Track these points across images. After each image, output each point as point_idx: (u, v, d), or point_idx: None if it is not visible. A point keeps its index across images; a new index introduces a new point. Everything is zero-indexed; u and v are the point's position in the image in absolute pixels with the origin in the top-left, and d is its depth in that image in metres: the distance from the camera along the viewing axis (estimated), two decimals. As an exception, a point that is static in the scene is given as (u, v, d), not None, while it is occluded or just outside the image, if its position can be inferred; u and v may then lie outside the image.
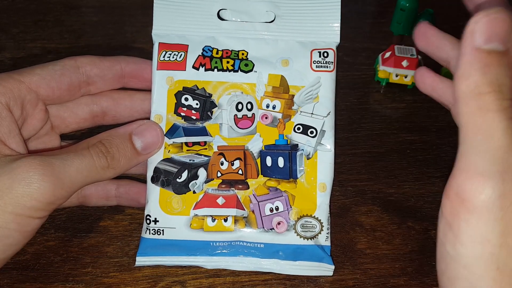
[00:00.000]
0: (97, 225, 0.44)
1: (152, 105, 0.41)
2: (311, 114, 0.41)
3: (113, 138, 0.38)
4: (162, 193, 0.40)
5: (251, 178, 0.40)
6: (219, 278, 0.40)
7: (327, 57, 0.41)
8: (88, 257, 0.41)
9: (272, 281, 0.40)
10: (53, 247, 0.42)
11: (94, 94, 0.42)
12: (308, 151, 0.41)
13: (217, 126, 0.41)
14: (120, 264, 0.41)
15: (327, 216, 0.40)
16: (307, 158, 0.41)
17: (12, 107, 0.36)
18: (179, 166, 0.40)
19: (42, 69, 0.39)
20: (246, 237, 0.40)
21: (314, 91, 0.41)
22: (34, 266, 0.40)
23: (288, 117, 0.41)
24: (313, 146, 0.41)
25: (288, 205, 0.40)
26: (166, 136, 0.40)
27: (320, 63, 0.41)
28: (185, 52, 0.41)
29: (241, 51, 0.41)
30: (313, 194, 0.40)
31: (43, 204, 0.33)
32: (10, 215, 0.32)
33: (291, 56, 0.41)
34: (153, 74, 0.41)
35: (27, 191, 0.32)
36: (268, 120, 0.41)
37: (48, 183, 0.33)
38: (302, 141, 0.41)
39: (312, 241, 0.40)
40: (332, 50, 0.42)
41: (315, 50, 0.41)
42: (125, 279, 0.40)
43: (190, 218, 0.40)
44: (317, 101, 0.41)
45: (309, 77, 0.41)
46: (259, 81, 0.41)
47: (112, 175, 0.37)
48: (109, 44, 0.64)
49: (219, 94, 0.41)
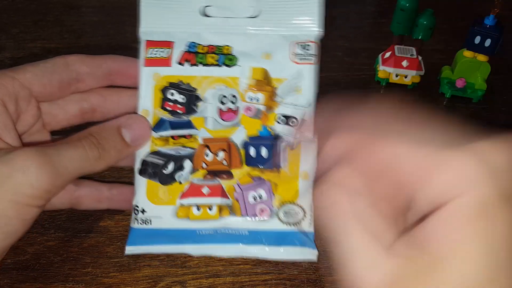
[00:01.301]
0: (97, 225, 0.44)
1: (139, 100, 0.42)
2: (293, 106, 0.42)
3: (102, 131, 0.39)
4: (149, 185, 0.41)
5: (235, 168, 0.42)
6: (219, 278, 0.41)
7: (308, 50, 0.42)
8: (88, 257, 0.42)
9: (272, 281, 0.41)
10: (53, 247, 0.42)
11: (83, 91, 0.43)
12: (291, 142, 0.42)
13: (202, 119, 0.42)
14: (120, 264, 0.41)
15: (310, 204, 0.41)
16: (290, 149, 0.42)
17: (6, 103, 0.38)
18: (165, 158, 0.41)
19: (33, 66, 0.40)
20: (231, 225, 0.41)
21: (296, 83, 0.42)
22: (34, 266, 0.41)
23: (271, 109, 0.42)
24: (295, 136, 0.42)
25: (271, 193, 0.41)
26: (153, 130, 0.42)
27: (302, 56, 0.42)
28: (171, 49, 0.42)
29: (225, 46, 0.43)
30: (295, 182, 0.41)
31: (41, 192, 0.34)
32: (10, 203, 0.33)
33: (273, 50, 0.42)
34: (140, 71, 0.42)
35: (25, 179, 0.33)
36: (251, 112, 0.42)
37: (45, 171, 0.34)
38: (285, 132, 0.42)
39: (295, 227, 0.41)
40: (314, 43, 0.43)
41: (297, 43, 0.43)
42: (125, 279, 0.40)
43: (176, 207, 0.41)
44: (299, 93, 0.42)
45: (291, 70, 0.42)
46: (242, 75, 0.42)
47: (103, 167, 0.38)
48: (109, 44, 0.65)
49: (203, 88, 0.42)
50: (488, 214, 0.24)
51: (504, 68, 0.64)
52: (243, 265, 0.42)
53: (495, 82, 0.61)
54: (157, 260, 0.42)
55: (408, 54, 0.59)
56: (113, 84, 0.44)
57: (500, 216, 0.24)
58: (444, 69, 0.61)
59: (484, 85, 0.59)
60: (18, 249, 0.42)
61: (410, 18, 0.57)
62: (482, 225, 0.24)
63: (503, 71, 0.63)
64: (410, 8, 0.56)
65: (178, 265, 0.42)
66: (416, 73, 0.59)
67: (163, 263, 0.42)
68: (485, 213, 0.24)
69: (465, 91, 0.59)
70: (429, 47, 0.65)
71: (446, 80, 0.60)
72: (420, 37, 0.58)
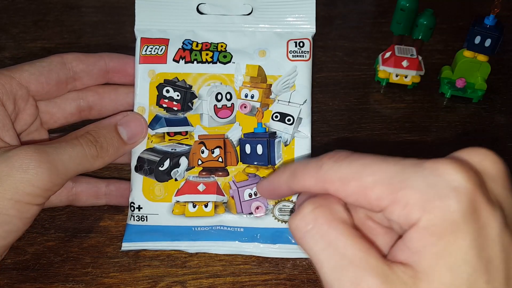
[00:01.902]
0: (97, 225, 0.44)
1: (135, 97, 0.42)
2: (288, 103, 0.42)
3: (99, 129, 0.39)
4: (145, 181, 0.41)
5: (231, 165, 0.42)
6: (219, 278, 0.41)
7: (303, 47, 0.42)
8: (88, 257, 0.42)
9: (272, 281, 0.41)
10: (53, 247, 0.42)
11: (80, 89, 0.43)
12: (285, 138, 0.42)
13: (198, 116, 0.42)
14: (120, 264, 0.41)
15: None
16: (285, 145, 0.42)
17: (5, 102, 0.38)
18: (161, 155, 0.41)
19: (30, 65, 0.40)
20: (226, 222, 0.41)
21: (291, 80, 0.42)
22: (34, 266, 0.41)
23: (266, 106, 0.42)
24: (290, 133, 0.42)
25: None
26: (149, 127, 0.42)
27: (296, 53, 0.42)
28: (166, 46, 0.43)
29: (220, 44, 0.43)
30: None
31: (41, 190, 0.34)
32: (10, 201, 0.33)
33: (268, 47, 0.42)
34: (136, 68, 0.42)
35: (25, 177, 0.33)
36: (247, 109, 0.42)
37: (44, 169, 0.34)
38: (280, 129, 0.42)
39: None
40: (308, 40, 0.43)
41: (291, 40, 0.43)
42: (125, 279, 0.40)
43: (172, 204, 0.41)
44: (293, 90, 0.42)
45: (286, 67, 0.42)
46: (237, 72, 0.42)
47: (101, 164, 0.39)
48: (109, 44, 0.65)
49: (199, 85, 0.42)
50: (454, 229, 0.24)
51: (504, 68, 0.64)
52: (243, 265, 0.42)
53: (495, 82, 0.61)
54: (157, 260, 0.42)
55: (408, 54, 0.59)
56: (110, 82, 0.44)
57: (465, 230, 0.24)
58: (444, 69, 0.61)
59: (484, 85, 0.58)
60: (18, 249, 0.42)
61: (410, 18, 0.57)
62: (451, 240, 0.24)
63: (503, 71, 0.63)
64: (410, 8, 0.56)
65: (178, 265, 0.41)
66: (416, 73, 0.59)
67: (163, 263, 0.42)
68: (451, 228, 0.24)
69: (465, 91, 0.59)
70: (429, 47, 0.65)
71: (446, 80, 0.60)
72: (420, 37, 0.58)
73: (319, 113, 0.56)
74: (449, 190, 0.25)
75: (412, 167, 0.26)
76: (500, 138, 0.55)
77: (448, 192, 0.25)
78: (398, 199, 0.26)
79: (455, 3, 0.75)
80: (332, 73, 0.62)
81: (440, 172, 0.25)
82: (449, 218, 0.25)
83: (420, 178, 0.26)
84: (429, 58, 0.64)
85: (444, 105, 0.59)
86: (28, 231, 0.36)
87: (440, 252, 0.25)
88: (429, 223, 0.25)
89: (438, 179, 0.25)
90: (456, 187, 0.25)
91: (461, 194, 0.25)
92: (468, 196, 0.25)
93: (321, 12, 0.43)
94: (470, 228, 0.24)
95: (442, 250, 0.25)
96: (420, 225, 0.25)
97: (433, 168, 0.26)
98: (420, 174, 0.26)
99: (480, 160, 0.27)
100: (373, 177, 0.27)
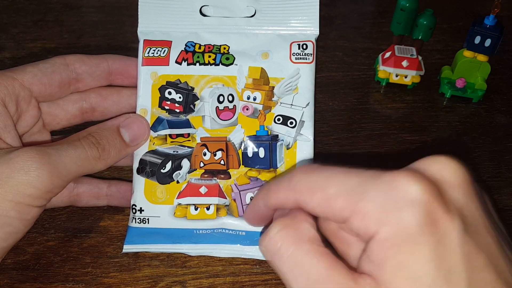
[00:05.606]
0: (97, 225, 0.44)
1: (137, 99, 0.42)
2: (290, 105, 0.42)
3: (102, 131, 0.39)
4: (147, 184, 0.41)
5: (233, 168, 0.42)
6: (219, 278, 0.41)
7: (306, 49, 0.42)
8: (88, 257, 0.42)
9: (272, 281, 0.41)
10: (53, 247, 0.42)
11: (82, 91, 0.43)
12: (288, 142, 0.42)
13: (200, 118, 0.42)
14: (120, 264, 0.41)
15: None
16: (287, 148, 0.42)
17: (7, 103, 0.38)
18: (163, 157, 0.41)
19: (33, 67, 0.40)
20: (228, 225, 0.41)
21: (294, 82, 0.42)
22: (34, 266, 0.41)
23: (268, 109, 0.42)
24: (292, 136, 0.42)
25: None
26: (151, 129, 0.42)
27: (299, 55, 0.42)
28: (169, 48, 0.42)
29: (223, 46, 0.43)
30: None
31: (42, 192, 0.34)
32: (10, 203, 0.33)
33: (271, 49, 0.42)
34: (139, 70, 0.42)
35: (26, 179, 0.33)
36: (249, 112, 0.42)
37: (45, 171, 0.34)
38: (282, 132, 0.42)
39: None
40: (311, 42, 0.43)
41: (294, 42, 0.43)
42: (125, 279, 0.40)
43: (174, 207, 0.41)
44: (296, 92, 0.42)
45: (289, 69, 0.42)
46: (239, 74, 0.42)
47: (103, 166, 0.39)
48: (109, 44, 0.65)
49: (201, 87, 0.42)
50: (411, 241, 0.25)
51: (504, 68, 0.64)
52: (243, 265, 0.42)
53: (495, 82, 0.61)
54: (157, 260, 0.42)
55: (408, 54, 0.59)
56: (113, 84, 0.44)
57: (422, 241, 0.25)
58: (444, 69, 0.61)
59: (484, 85, 0.58)
60: (18, 249, 0.42)
61: (410, 18, 0.57)
62: (409, 252, 0.25)
63: (503, 71, 0.63)
64: (410, 8, 0.56)
65: (178, 265, 0.42)
66: (416, 73, 0.59)
67: (163, 263, 0.42)
68: (408, 241, 0.25)
69: (465, 91, 0.59)
70: (429, 47, 0.65)
71: (446, 80, 0.60)
72: (420, 37, 0.58)
73: (319, 113, 0.56)
74: (405, 202, 0.25)
75: (371, 179, 0.27)
76: (500, 138, 0.55)
77: (403, 204, 0.25)
78: (357, 210, 0.26)
79: (455, 3, 0.75)
80: (332, 73, 0.62)
81: (396, 184, 0.26)
82: (406, 231, 0.25)
83: (377, 191, 0.26)
84: (429, 58, 0.64)
85: (444, 105, 0.59)
86: (28, 231, 0.35)
87: (399, 265, 0.25)
88: (387, 236, 0.25)
89: (395, 191, 0.26)
90: (412, 199, 0.25)
91: (417, 206, 0.25)
92: (424, 208, 0.25)
93: (321, 12, 0.43)
94: (427, 239, 0.25)
95: (401, 262, 0.25)
96: (378, 237, 0.26)
97: (391, 181, 0.26)
98: (378, 186, 0.26)
99: (439, 169, 0.27)
100: (336, 188, 0.27)
